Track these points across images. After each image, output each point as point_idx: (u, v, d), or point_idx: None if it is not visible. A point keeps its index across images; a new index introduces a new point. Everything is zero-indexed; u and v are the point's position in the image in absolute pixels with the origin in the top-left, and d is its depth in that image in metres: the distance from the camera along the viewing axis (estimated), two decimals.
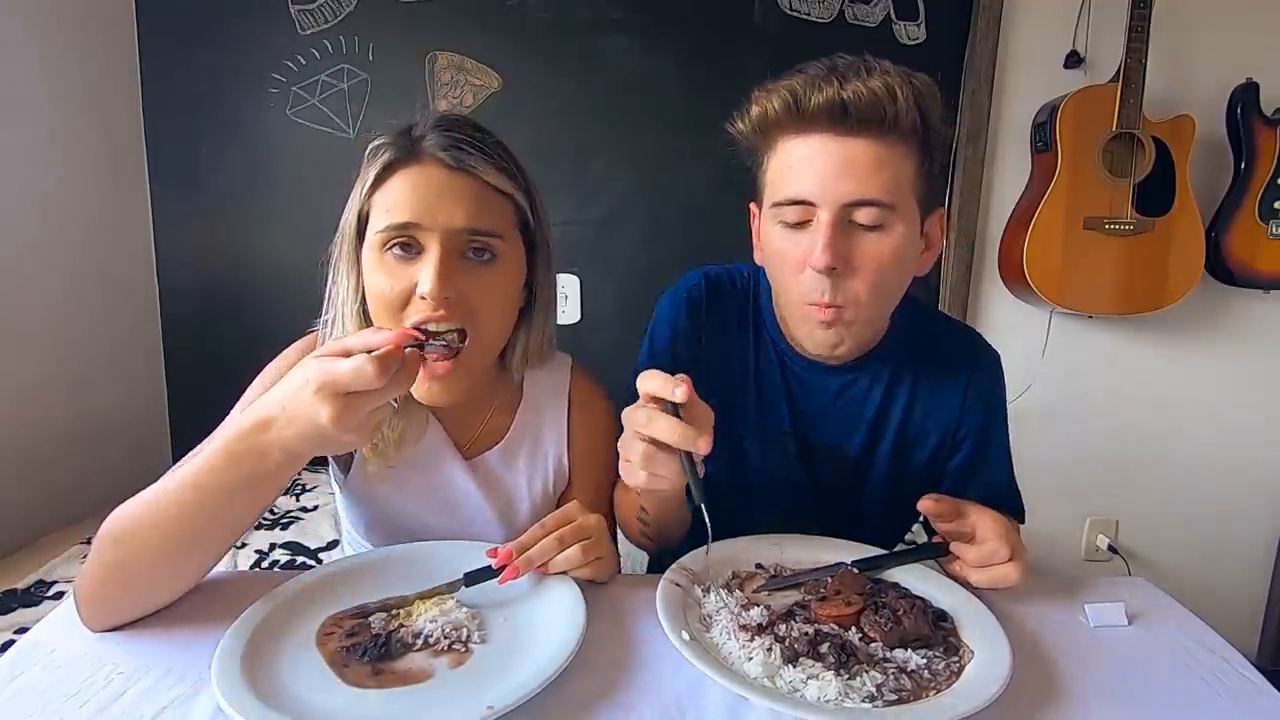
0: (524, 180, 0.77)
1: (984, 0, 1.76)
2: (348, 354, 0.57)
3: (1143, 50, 1.63)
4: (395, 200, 0.70)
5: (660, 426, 0.63)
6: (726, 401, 0.86)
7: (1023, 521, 0.92)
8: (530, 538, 0.71)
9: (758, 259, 0.88)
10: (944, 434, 0.90)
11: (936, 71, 1.76)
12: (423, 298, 0.68)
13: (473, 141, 0.72)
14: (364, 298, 0.74)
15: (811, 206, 0.74)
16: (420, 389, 0.72)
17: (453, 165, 0.70)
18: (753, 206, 0.88)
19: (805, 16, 1.79)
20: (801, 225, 0.76)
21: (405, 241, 0.70)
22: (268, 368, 0.83)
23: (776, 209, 0.78)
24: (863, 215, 0.73)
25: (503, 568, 0.69)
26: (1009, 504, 0.91)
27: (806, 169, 0.74)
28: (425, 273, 0.68)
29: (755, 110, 0.79)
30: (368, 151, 0.73)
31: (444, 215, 0.69)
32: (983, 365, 0.92)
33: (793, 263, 0.77)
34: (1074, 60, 1.78)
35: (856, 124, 0.71)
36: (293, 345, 0.85)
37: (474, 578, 0.71)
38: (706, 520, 0.67)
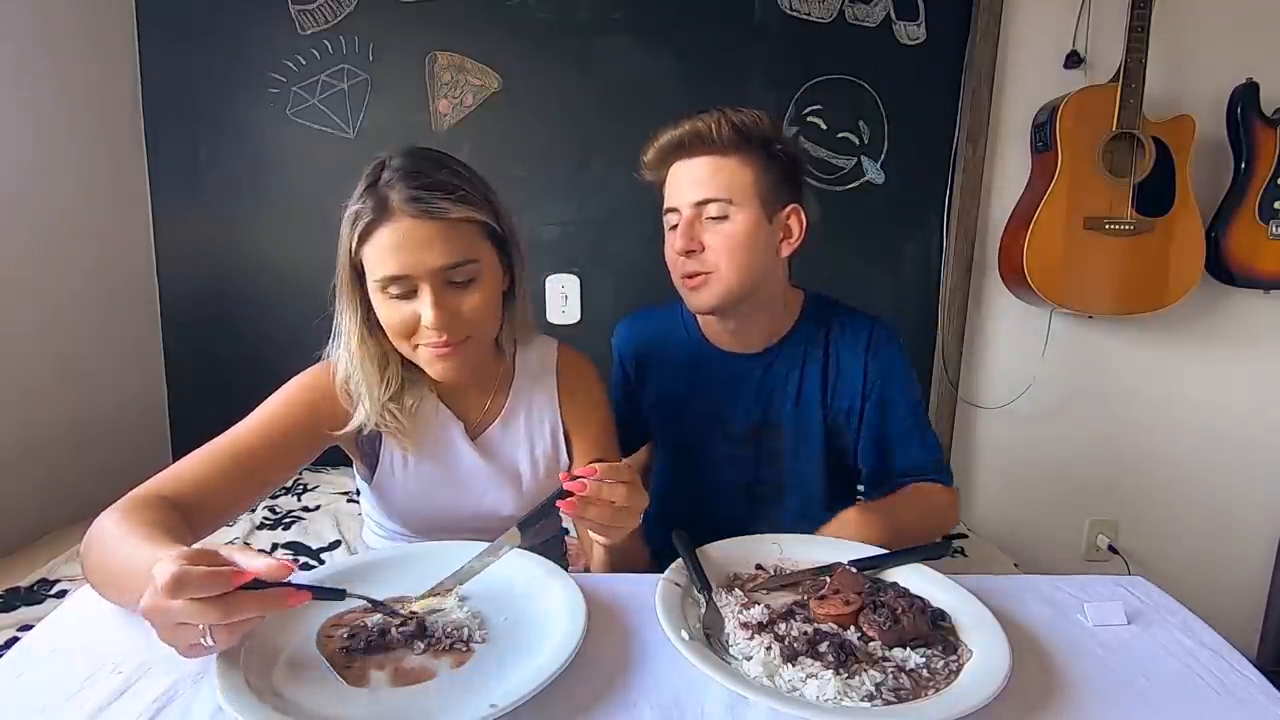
0: (485, 197, 0.85)
1: (984, 0, 1.76)
2: (201, 567, 0.53)
3: (1143, 50, 1.63)
4: (381, 256, 0.80)
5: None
6: (675, 408, 1.10)
7: (948, 477, 1.07)
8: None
9: None
10: (854, 396, 1.07)
11: (936, 71, 1.80)
12: (428, 328, 0.81)
13: (435, 184, 0.80)
14: (365, 328, 0.86)
15: (676, 212, 1.00)
16: (431, 370, 0.85)
17: (419, 215, 0.79)
18: None
19: (805, 16, 1.79)
20: (675, 227, 1.00)
21: (399, 287, 0.80)
22: (285, 391, 0.88)
23: (665, 219, 1.02)
24: (712, 210, 0.97)
25: (561, 496, 0.70)
26: (917, 458, 1.07)
27: (671, 187, 1.01)
28: (424, 310, 0.80)
29: (642, 163, 1.03)
30: (345, 216, 0.82)
31: (424, 261, 0.79)
32: (879, 339, 1.07)
33: (672, 256, 1.02)
34: (1074, 60, 1.78)
35: (690, 148, 0.98)
36: (304, 376, 0.90)
37: (528, 522, 0.72)
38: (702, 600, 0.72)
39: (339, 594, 0.64)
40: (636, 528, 0.77)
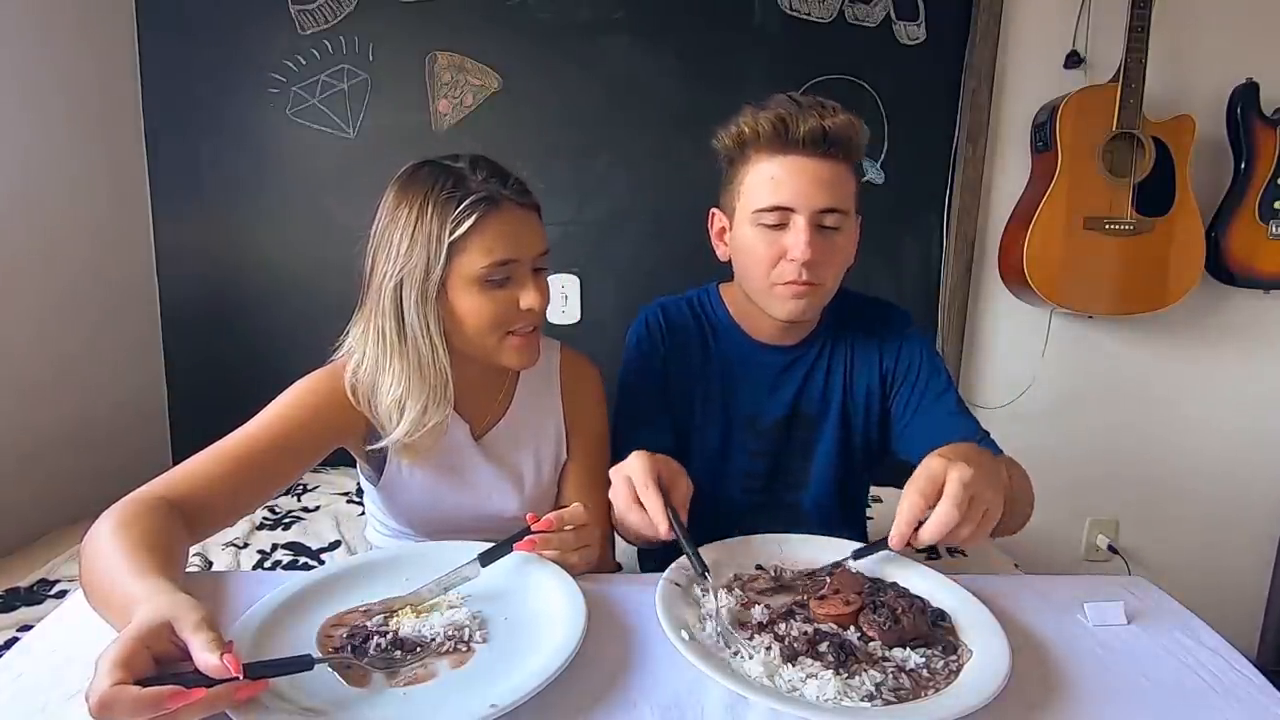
0: None
1: (984, 0, 1.76)
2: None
3: (1143, 50, 1.63)
4: (490, 244, 0.82)
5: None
6: (694, 400, 1.08)
7: (987, 441, 0.99)
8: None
9: (721, 255, 1.04)
10: (871, 380, 1.07)
11: (936, 71, 1.80)
12: (530, 310, 0.85)
13: (518, 179, 0.86)
14: (443, 340, 0.85)
15: (790, 212, 0.92)
16: (517, 358, 0.88)
17: (525, 204, 0.85)
18: (715, 211, 1.04)
19: (805, 16, 1.79)
20: (779, 226, 0.93)
21: (503, 273, 0.83)
22: (293, 394, 0.87)
23: (759, 214, 0.94)
24: (829, 220, 0.93)
25: (525, 532, 0.74)
26: (960, 425, 1.01)
27: (787, 182, 0.92)
28: (528, 294, 0.84)
29: (745, 129, 0.93)
30: (439, 208, 0.81)
31: (528, 245, 0.85)
32: (894, 326, 1.09)
33: (770, 255, 0.94)
34: (1074, 60, 1.78)
35: (829, 148, 0.91)
36: (313, 379, 0.89)
37: (489, 556, 0.73)
38: (698, 570, 0.73)
39: (306, 663, 0.56)
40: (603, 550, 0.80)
